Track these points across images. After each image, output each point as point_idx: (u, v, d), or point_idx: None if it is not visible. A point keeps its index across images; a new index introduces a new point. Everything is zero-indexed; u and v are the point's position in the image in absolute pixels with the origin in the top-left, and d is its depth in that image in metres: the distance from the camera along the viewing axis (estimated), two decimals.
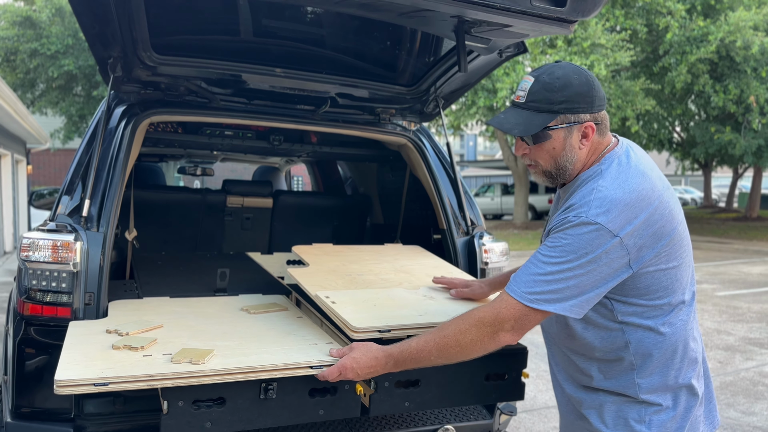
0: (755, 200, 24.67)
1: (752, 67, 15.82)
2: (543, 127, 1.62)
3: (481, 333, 1.64)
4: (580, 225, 1.55)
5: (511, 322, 1.61)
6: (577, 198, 1.61)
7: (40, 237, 2.34)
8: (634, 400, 1.67)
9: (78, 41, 18.34)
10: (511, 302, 1.61)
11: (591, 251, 1.54)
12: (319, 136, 3.93)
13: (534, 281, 1.59)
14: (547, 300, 1.57)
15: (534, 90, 1.63)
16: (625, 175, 1.61)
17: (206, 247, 4.21)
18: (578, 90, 1.62)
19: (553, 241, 1.60)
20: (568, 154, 1.66)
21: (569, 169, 1.69)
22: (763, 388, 5.21)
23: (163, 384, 1.74)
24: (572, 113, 1.62)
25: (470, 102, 17.42)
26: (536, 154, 1.69)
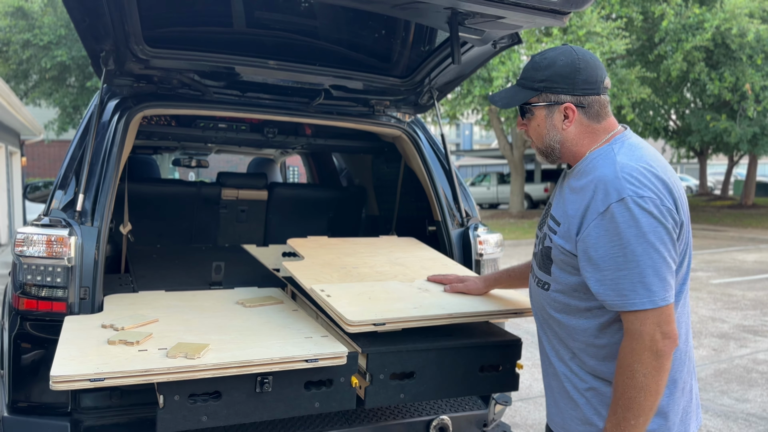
0: (750, 188, 24.74)
1: (748, 54, 15.81)
2: (523, 102, 1.69)
3: (648, 355, 1.50)
4: (629, 207, 1.50)
5: (665, 333, 1.50)
6: (596, 178, 1.57)
7: (34, 232, 2.34)
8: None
9: (71, 32, 18.17)
10: (639, 316, 1.50)
11: (646, 227, 1.50)
12: (313, 128, 3.92)
13: (637, 282, 1.50)
14: (664, 290, 1.51)
15: (525, 68, 1.72)
16: (639, 151, 1.62)
17: (201, 239, 4.21)
18: (560, 71, 1.64)
19: (602, 234, 1.52)
20: (551, 133, 1.69)
21: (557, 150, 1.70)
22: (757, 375, 5.25)
23: (158, 379, 1.75)
24: (552, 93, 1.66)
25: (466, 91, 17.38)
26: (529, 131, 1.75)
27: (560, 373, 1.73)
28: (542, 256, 1.75)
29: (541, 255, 1.75)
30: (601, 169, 1.59)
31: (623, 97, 15.52)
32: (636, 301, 1.50)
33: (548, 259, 1.71)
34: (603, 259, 1.53)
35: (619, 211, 1.50)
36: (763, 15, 15.89)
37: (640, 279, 1.49)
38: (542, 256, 1.75)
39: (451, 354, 2.12)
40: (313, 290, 2.26)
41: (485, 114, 20.39)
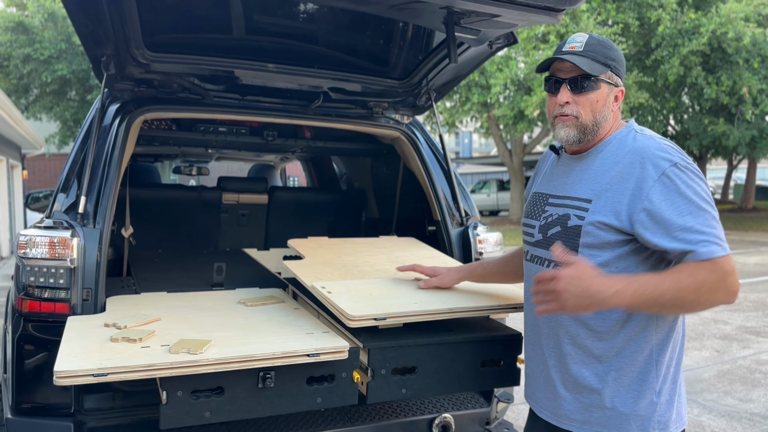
0: (750, 191, 24.77)
1: (744, 58, 15.86)
2: (601, 73, 1.70)
3: (721, 290, 1.53)
4: (684, 169, 1.60)
5: (734, 273, 1.55)
6: (642, 153, 1.64)
7: (37, 234, 2.36)
8: (648, 367, 1.68)
9: (71, 46, 18.30)
10: (719, 262, 1.52)
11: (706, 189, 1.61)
12: (312, 130, 3.95)
13: (714, 232, 1.55)
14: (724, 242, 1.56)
15: (591, 43, 1.72)
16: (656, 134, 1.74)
17: (202, 244, 4.23)
18: (620, 56, 1.75)
19: (679, 194, 1.58)
20: (605, 111, 1.73)
21: (601, 127, 1.74)
22: (760, 376, 5.24)
23: (161, 374, 1.76)
24: (616, 74, 1.74)
25: (464, 98, 17.46)
26: (579, 104, 1.72)
27: (575, 358, 1.71)
28: (565, 237, 1.71)
29: (564, 236, 1.72)
30: (640, 143, 1.68)
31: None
32: (716, 248, 1.53)
33: (577, 237, 1.68)
34: (672, 218, 1.56)
35: (675, 173, 1.59)
36: (758, 19, 15.96)
37: (713, 230, 1.56)
38: (565, 236, 1.71)
39: (453, 349, 2.13)
40: (314, 287, 2.27)
41: (484, 122, 20.46)
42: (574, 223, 1.70)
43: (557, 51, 1.76)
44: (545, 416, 1.81)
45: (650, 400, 1.68)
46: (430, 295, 2.27)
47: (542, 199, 1.85)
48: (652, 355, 1.69)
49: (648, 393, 1.68)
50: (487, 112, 18.75)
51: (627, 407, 1.67)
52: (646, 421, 1.68)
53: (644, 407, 1.67)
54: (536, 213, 1.85)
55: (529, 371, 1.90)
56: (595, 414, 1.70)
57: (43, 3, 18.28)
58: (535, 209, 1.86)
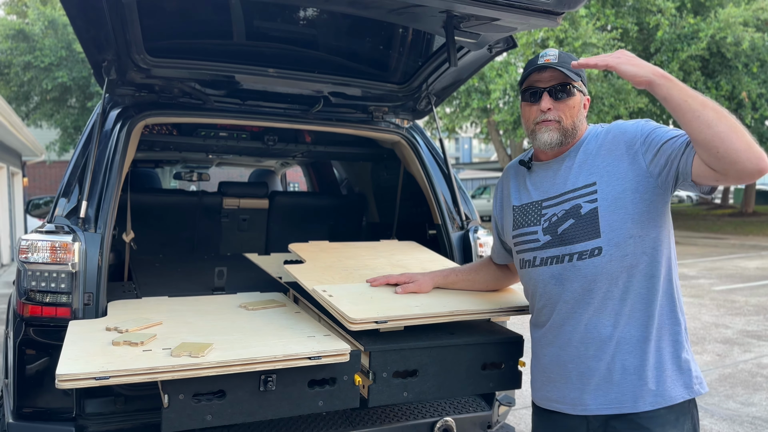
0: (750, 196, 24.77)
1: (743, 62, 15.92)
2: (576, 81, 1.85)
3: (744, 142, 1.59)
4: (649, 121, 1.81)
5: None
6: (619, 127, 1.84)
7: (38, 238, 2.36)
8: (678, 331, 1.81)
9: (71, 53, 18.36)
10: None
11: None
12: (313, 135, 3.96)
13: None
14: None
15: (562, 56, 1.86)
16: None
17: (203, 248, 4.23)
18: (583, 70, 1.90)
19: (653, 130, 1.76)
20: (580, 114, 1.89)
21: (577, 132, 1.88)
22: (762, 379, 5.23)
23: (163, 377, 1.76)
24: (583, 83, 1.91)
25: (464, 104, 17.50)
26: (561, 110, 1.85)
27: (615, 338, 1.76)
28: (582, 225, 1.78)
29: (581, 225, 1.78)
30: (611, 125, 1.87)
31: (621, 107, 15.60)
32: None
33: (596, 220, 1.76)
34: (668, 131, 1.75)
35: (652, 123, 1.80)
36: (757, 23, 16.01)
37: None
38: (582, 225, 1.78)
39: (454, 352, 2.13)
40: (315, 291, 2.27)
41: (484, 127, 20.49)
42: (588, 208, 1.78)
43: (531, 63, 1.89)
44: (589, 410, 1.81)
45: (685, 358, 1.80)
46: (431, 298, 2.27)
47: (533, 207, 1.92)
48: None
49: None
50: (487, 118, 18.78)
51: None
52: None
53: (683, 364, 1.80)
54: (532, 220, 1.91)
55: (555, 375, 1.89)
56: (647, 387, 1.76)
57: (44, 11, 18.35)
58: (528, 218, 1.93)
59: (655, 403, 1.74)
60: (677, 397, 1.76)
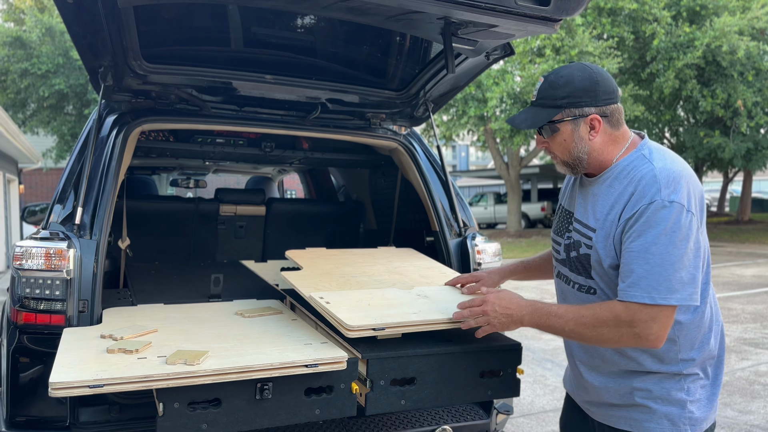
0: (746, 203, 24.83)
1: (739, 71, 15.99)
2: (547, 121, 1.74)
3: (620, 332, 1.62)
4: (660, 210, 1.59)
5: (658, 329, 1.60)
6: (634, 185, 1.66)
7: (32, 245, 2.35)
8: (675, 374, 1.72)
9: (69, 60, 18.35)
10: (648, 309, 1.58)
11: (683, 231, 1.59)
12: (310, 142, 3.95)
13: (653, 278, 1.58)
14: (675, 291, 1.58)
15: (542, 89, 1.77)
16: (670, 154, 1.73)
17: (200, 255, 4.21)
18: (580, 86, 1.71)
19: (644, 236, 1.60)
20: (579, 145, 1.75)
21: (585, 160, 1.77)
22: (759, 387, 5.22)
23: (158, 385, 1.74)
24: (576, 107, 1.72)
25: (461, 112, 17.53)
26: (553, 147, 1.80)
27: (596, 380, 1.82)
28: (579, 263, 1.81)
29: (578, 261, 1.81)
30: (639, 172, 1.68)
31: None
32: (639, 294, 1.63)
33: (589, 265, 1.77)
34: (627, 255, 1.66)
35: (651, 211, 1.61)
36: (752, 32, 16.09)
37: (657, 271, 1.62)
38: (579, 262, 1.81)
39: (452, 359, 2.11)
40: (312, 297, 2.26)
41: (481, 135, 20.53)
42: (584, 251, 1.78)
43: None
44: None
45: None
46: (429, 305, 2.26)
47: (567, 218, 1.91)
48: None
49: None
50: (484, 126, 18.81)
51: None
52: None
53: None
54: (561, 231, 1.92)
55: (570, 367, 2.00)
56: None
57: (41, 18, 18.35)
58: (560, 227, 1.93)
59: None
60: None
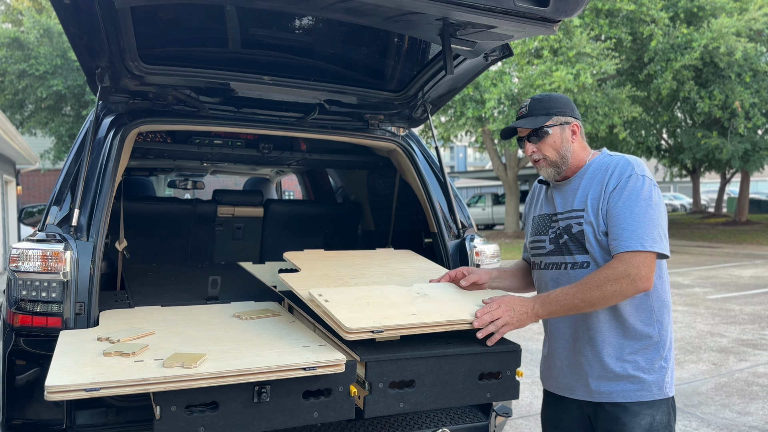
0: (743, 204, 24.85)
1: (736, 72, 16.02)
2: (545, 123, 2.13)
3: (626, 284, 1.91)
4: (637, 180, 1.99)
5: (648, 271, 1.92)
6: (613, 167, 2.05)
7: (29, 247, 2.33)
8: (654, 342, 2.04)
9: (67, 61, 18.31)
10: (641, 255, 1.92)
11: (655, 198, 1.99)
12: (308, 143, 3.94)
13: (643, 231, 1.93)
14: (657, 241, 1.94)
15: (532, 105, 2.18)
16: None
17: (197, 257, 4.19)
18: (562, 101, 2.18)
19: (625, 199, 1.98)
20: (565, 145, 2.14)
21: (569, 158, 2.15)
22: (758, 389, 5.22)
23: (155, 388, 1.73)
24: (562, 115, 2.15)
25: (459, 113, 17.52)
26: (542, 150, 2.15)
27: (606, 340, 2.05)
28: (574, 242, 2.10)
29: (572, 241, 2.10)
30: (610, 159, 2.11)
31: (615, 116, 15.66)
32: (635, 243, 1.97)
33: (583, 239, 2.06)
34: (616, 216, 2.03)
35: (629, 180, 2.01)
36: (750, 34, 16.13)
37: (645, 224, 2.00)
38: (574, 242, 2.10)
39: (451, 362, 2.10)
40: (310, 295, 2.24)
41: (479, 136, 20.54)
42: (577, 230, 2.10)
43: (516, 116, 2.23)
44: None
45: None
46: (427, 306, 2.24)
47: (547, 219, 2.24)
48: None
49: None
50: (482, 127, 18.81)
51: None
52: None
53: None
54: (544, 230, 2.24)
55: (552, 364, 2.22)
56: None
57: (39, 19, 18.31)
58: (542, 227, 2.25)
59: (627, 396, 2.02)
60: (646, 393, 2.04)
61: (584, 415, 2.15)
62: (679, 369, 5.79)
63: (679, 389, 5.19)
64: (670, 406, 2.06)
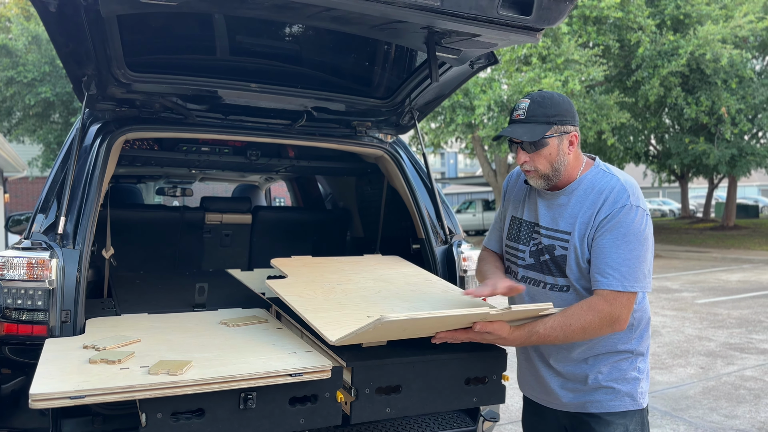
0: (731, 209, 25.05)
1: (722, 79, 16.18)
2: (543, 134, 1.96)
3: (602, 324, 1.90)
4: (629, 212, 1.91)
5: (626, 313, 1.91)
6: (607, 193, 1.95)
7: (14, 255, 2.32)
8: (628, 355, 2.03)
9: (55, 68, 18.21)
10: (622, 296, 1.89)
11: (646, 232, 1.92)
12: (296, 150, 3.95)
13: (627, 270, 1.88)
14: (639, 280, 1.90)
15: (531, 108, 1.97)
16: (621, 170, 2.04)
17: (185, 264, 4.18)
18: (564, 107, 1.98)
19: (615, 233, 1.90)
20: (561, 158, 1.99)
21: (562, 171, 2.00)
22: (745, 392, 5.26)
23: (140, 395, 1.73)
24: (562, 124, 1.97)
25: (449, 119, 17.58)
26: (535, 161, 1.99)
27: (563, 367, 2.06)
28: (554, 264, 2.02)
29: (552, 263, 2.02)
30: (604, 183, 1.98)
31: (603, 122, 15.76)
32: (617, 283, 1.92)
33: (564, 265, 1.99)
34: (602, 252, 1.97)
35: (621, 215, 1.92)
36: (735, 41, 16.29)
37: (629, 263, 1.93)
38: (554, 264, 2.02)
39: (437, 366, 2.11)
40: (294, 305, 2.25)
41: (469, 142, 20.60)
42: (560, 253, 2.01)
43: (510, 114, 2.04)
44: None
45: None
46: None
47: (529, 227, 2.11)
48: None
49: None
50: (472, 133, 18.88)
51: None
52: None
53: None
54: (524, 239, 2.12)
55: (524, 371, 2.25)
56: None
57: (27, 26, 18.22)
58: (522, 235, 2.13)
59: (600, 406, 2.02)
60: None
61: (561, 425, 2.15)
62: (667, 373, 5.82)
63: (667, 393, 5.22)
64: (644, 416, 2.06)
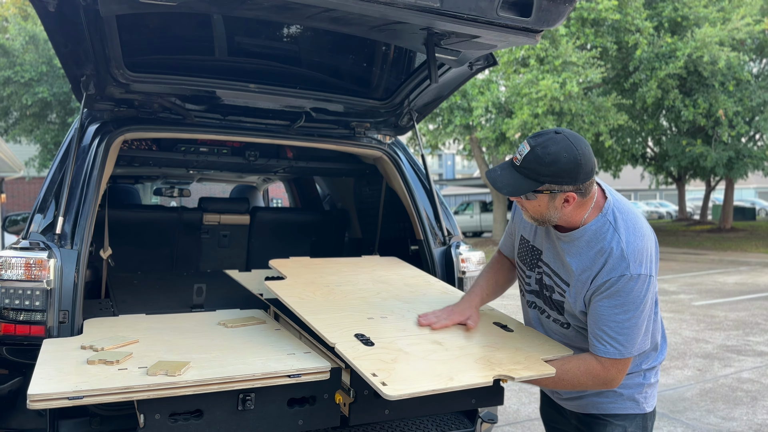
0: (728, 212, 25.09)
1: (719, 81, 16.23)
2: (528, 191, 1.86)
3: (595, 385, 1.95)
4: (629, 282, 1.84)
5: (621, 375, 1.93)
6: (607, 256, 1.88)
7: (12, 255, 2.32)
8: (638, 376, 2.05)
9: (52, 68, 18.19)
10: (618, 362, 1.90)
11: (646, 297, 1.88)
12: (295, 150, 3.95)
13: (625, 339, 1.87)
14: (637, 344, 1.90)
15: (528, 159, 1.83)
16: (633, 222, 1.93)
17: (183, 265, 4.18)
18: (564, 168, 1.80)
19: (614, 300, 1.87)
20: (551, 212, 1.90)
21: (554, 221, 1.93)
22: (742, 394, 5.27)
23: (138, 396, 1.72)
24: (556, 184, 1.83)
25: (447, 121, 17.61)
26: (526, 206, 1.93)
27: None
28: (554, 304, 2.05)
29: (552, 302, 2.05)
30: (608, 243, 1.89)
31: (601, 124, 15.79)
32: (612, 350, 1.92)
33: (562, 309, 2.02)
34: (608, 310, 1.92)
35: (621, 284, 1.86)
36: (732, 43, 16.35)
37: (624, 331, 1.93)
38: (553, 303, 2.05)
39: None
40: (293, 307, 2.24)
41: (466, 144, 20.63)
42: (558, 298, 2.02)
43: (512, 159, 1.92)
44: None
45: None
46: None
47: (535, 253, 2.10)
48: None
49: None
50: (470, 135, 18.91)
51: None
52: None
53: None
54: (531, 264, 2.12)
55: None
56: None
57: (25, 26, 18.20)
58: (529, 260, 2.12)
59: (600, 407, 2.07)
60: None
61: (570, 422, 2.21)
62: (665, 375, 5.83)
63: (664, 395, 5.22)
64: (647, 421, 2.07)
